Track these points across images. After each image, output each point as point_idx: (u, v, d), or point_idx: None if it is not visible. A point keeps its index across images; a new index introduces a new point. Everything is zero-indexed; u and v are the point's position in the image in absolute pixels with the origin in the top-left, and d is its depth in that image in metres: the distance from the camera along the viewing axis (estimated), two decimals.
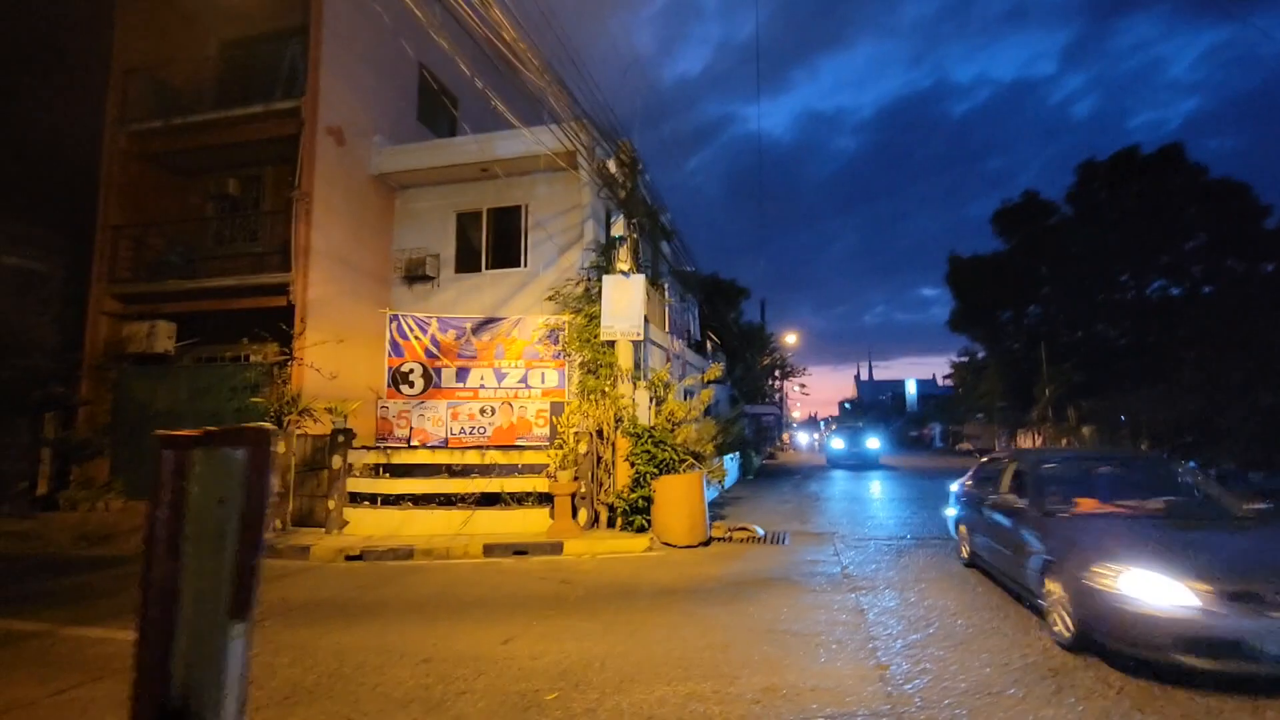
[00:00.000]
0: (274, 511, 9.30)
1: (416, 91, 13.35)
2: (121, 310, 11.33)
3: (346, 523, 9.05)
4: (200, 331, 11.38)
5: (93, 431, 11.00)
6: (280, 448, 9.35)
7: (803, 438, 59.53)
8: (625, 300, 9.60)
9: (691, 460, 9.37)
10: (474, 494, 9.12)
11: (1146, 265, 31.21)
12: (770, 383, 36.05)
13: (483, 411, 9.77)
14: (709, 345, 20.49)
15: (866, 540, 9.10)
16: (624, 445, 9.30)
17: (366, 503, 9.21)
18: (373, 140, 11.77)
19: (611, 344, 9.84)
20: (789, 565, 7.52)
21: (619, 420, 9.46)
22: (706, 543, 8.81)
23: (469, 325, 9.98)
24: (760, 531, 9.42)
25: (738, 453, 18.66)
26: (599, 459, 9.32)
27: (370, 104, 11.77)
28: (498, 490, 9.14)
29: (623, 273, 9.77)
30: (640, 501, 8.96)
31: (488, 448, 9.43)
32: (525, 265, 11.80)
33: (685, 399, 10.83)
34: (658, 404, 10.07)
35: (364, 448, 9.38)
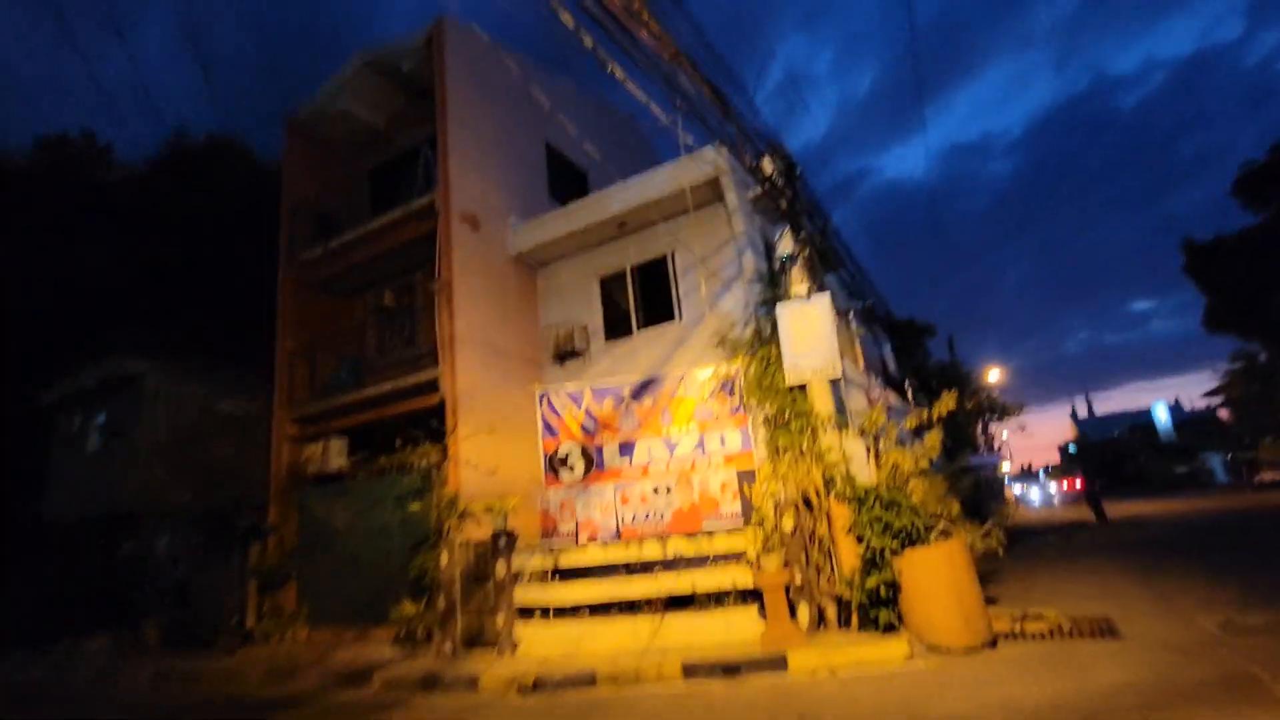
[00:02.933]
0: (443, 633, 8.16)
1: (545, 169, 13.06)
2: (299, 433, 11.52)
3: (518, 643, 7.59)
4: (369, 444, 11.20)
5: (282, 557, 10.95)
6: (442, 559, 8.32)
7: (1030, 492, 49.98)
8: (811, 330, 7.64)
9: (943, 525, 6.81)
10: (661, 596, 7.29)
11: None
12: (979, 428, 30.73)
13: (656, 491, 8.06)
14: (908, 387, 17.37)
15: (1243, 625, 5.75)
16: (842, 514, 7.03)
17: (538, 615, 7.74)
18: (508, 222, 11.37)
19: (802, 387, 7.82)
20: (1153, 674, 4.65)
21: (829, 482, 7.26)
22: (992, 643, 6.09)
23: (626, 390, 8.54)
24: (1060, 621, 6.47)
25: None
26: (812, 535, 7.11)
27: (501, 188, 11.48)
28: (689, 589, 7.23)
29: (800, 297, 7.88)
30: (882, 589, 6.53)
31: (669, 535, 7.65)
32: (680, 318, 10.35)
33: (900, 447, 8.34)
34: (875, 457, 7.74)
35: (529, 550, 8.04)
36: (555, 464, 8.35)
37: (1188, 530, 16.33)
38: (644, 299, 10.80)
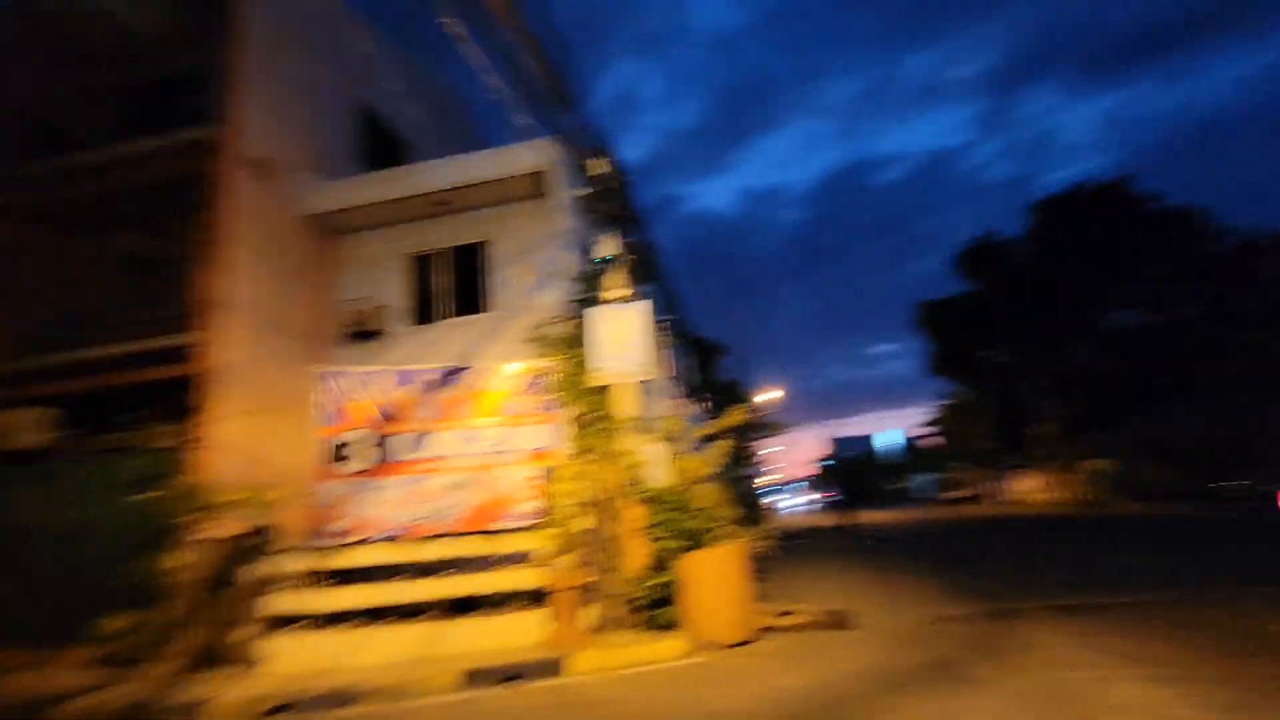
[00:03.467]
0: (166, 651, 6.78)
1: (358, 132, 11.76)
2: None
3: (264, 658, 6.58)
4: (89, 418, 9.02)
5: None
6: (172, 561, 6.94)
7: (794, 501, 56.69)
8: (624, 333, 7.75)
9: (726, 528, 7.31)
10: (445, 599, 6.82)
11: (1110, 295, 31.21)
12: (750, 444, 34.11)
13: (452, 487, 7.56)
14: (702, 400, 18.62)
15: (948, 615, 7.04)
16: (636, 515, 7.20)
17: (299, 625, 6.79)
18: (305, 178, 10.00)
19: (604, 389, 7.90)
20: (883, 660, 5.43)
21: (628, 484, 7.40)
22: (757, 637, 6.65)
23: (429, 378, 7.90)
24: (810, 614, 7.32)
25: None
26: (605, 536, 7.18)
27: (301, 139, 10.09)
28: (475, 592, 6.86)
29: (615, 300, 7.97)
30: (666, 588, 6.80)
31: (462, 534, 7.21)
32: (493, 310, 9.93)
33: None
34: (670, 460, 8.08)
35: (291, 549, 7.04)
36: (336, 454, 7.42)
37: (905, 535, 19.69)
38: (457, 286, 10.19)
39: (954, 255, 36.37)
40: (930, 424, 48.18)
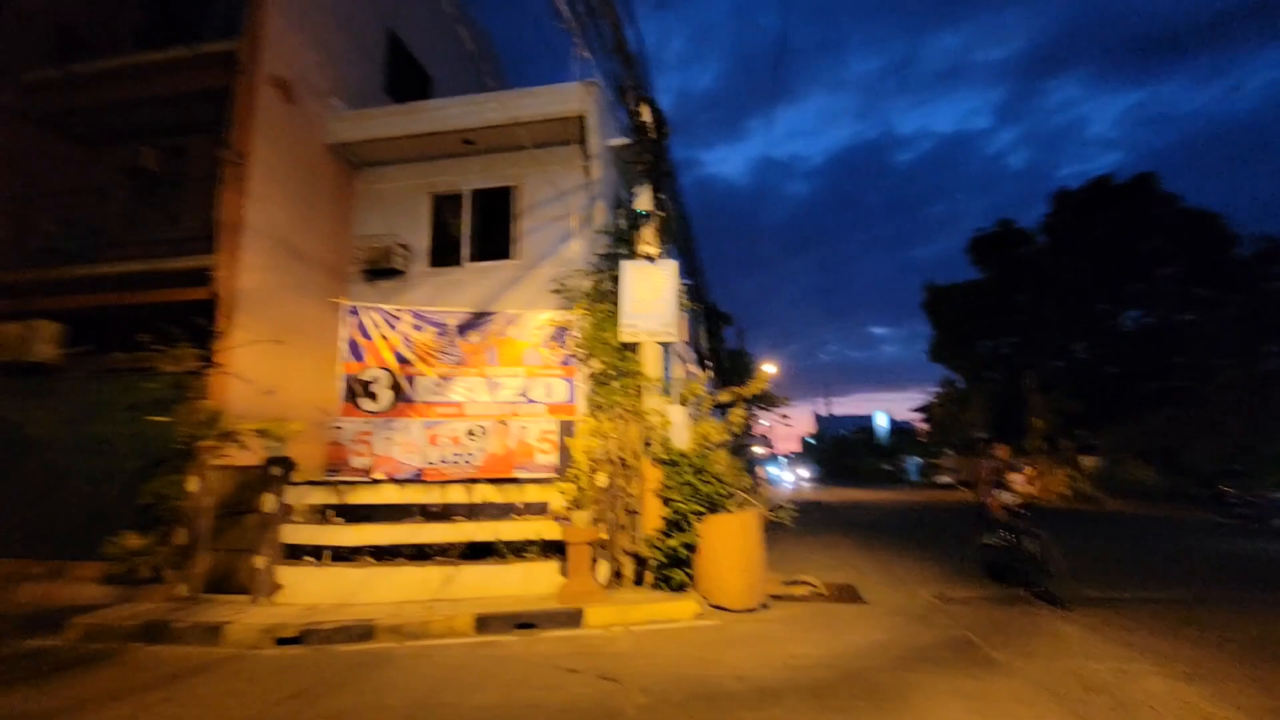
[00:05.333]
0: (178, 573, 6.79)
1: (385, 60, 11.30)
2: None
3: (280, 586, 6.61)
4: (100, 337, 8.85)
5: None
6: (190, 484, 6.89)
7: (783, 475, 57.35)
8: (653, 291, 7.61)
9: (741, 495, 7.31)
10: (459, 544, 6.83)
11: (1121, 293, 31.05)
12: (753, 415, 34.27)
13: (471, 433, 7.49)
14: (707, 368, 18.55)
15: (952, 597, 7.11)
16: (654, 476, 7.17)
17: (310, 558, 6.80)
18: (330, 104, 9.63)
19: (633, 347, 7.79)
20: (897, 635, 5.48)
21: (648, 444, 7.36)
22: (766, 604, 6.71)
23: (453, 322, 7.76)
24: (818, 585, 7.40)
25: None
26: (622, 494, 7.16)
27: (329, 62, 9.67)
28: (491, 539, 6.87)
29: (648, 257, 7.79)
30: (681, 550, 6.82)
31: (478, 480, 7.17)
32: (517, 257, 9.71)
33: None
34: (688, 424, 8.03)
35: (309, 483, 7.00)
36: (356, 389, 7.32)
37: (894, 514, 19.93)
38: (482, 230, 9.94)
39: (969, 241, 36.01)
40: (922, 409, 48.51)
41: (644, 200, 7.86)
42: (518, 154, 9.58)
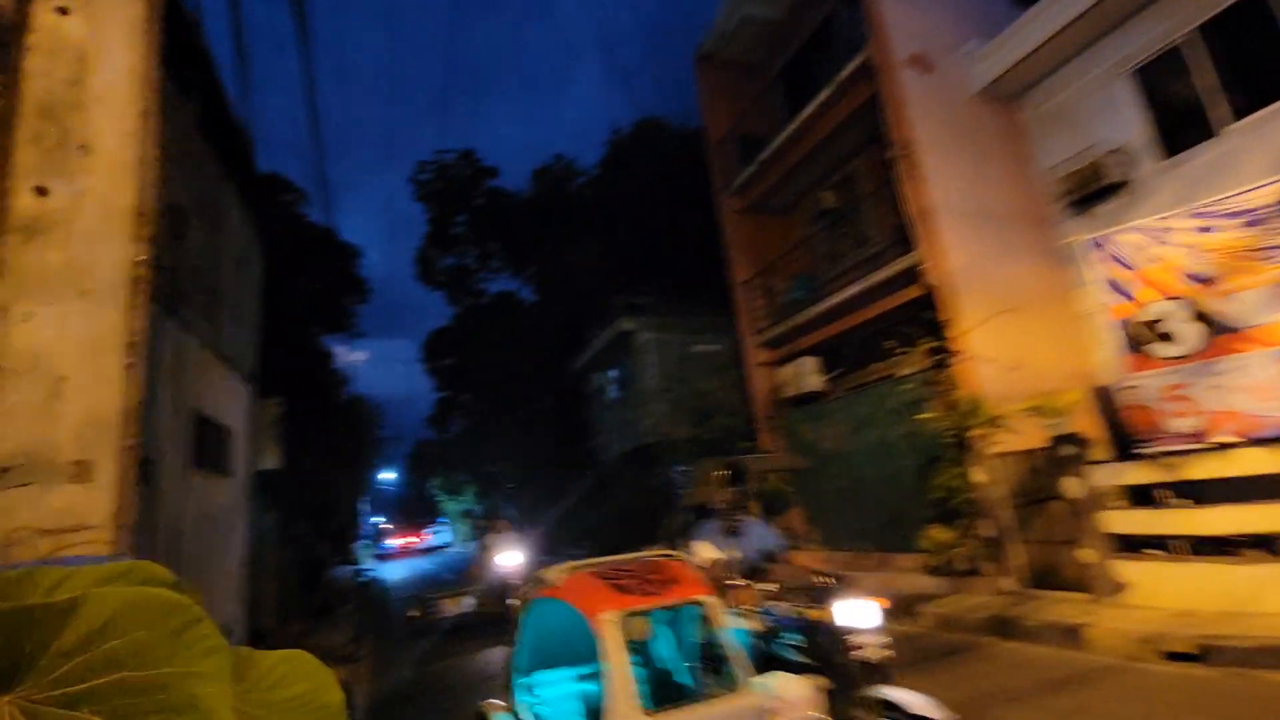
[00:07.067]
0: (996, 566, 6.53)
1: None
2: (768, 358, 11.32)
3: (1123, 585, 5.41)
4: (843, 360, 10.27)
5: (780, 482, 10.96)
6: (976, 475, 6.65)
7: None
8: None
9: None
10: None
11: None
12: None
13: None
14: None
15: None
16: None
17: (1155, 551, 5.38)
18: (963, 51, 8.71)
19: None
20: None
21: None
22: None
23: (1265, 201, 5.17)
24: None
25: None
26: None
27: (947, 8, 8.89)
28: None
29: None
30: None
31: None
32: None
33: None
34: None
35: (1117, 459, 5.68)
36: (1141, 336, 5.65)
37: None
38: (1231, 69, 6.80)
39: None
40: None
41: None
42: None
